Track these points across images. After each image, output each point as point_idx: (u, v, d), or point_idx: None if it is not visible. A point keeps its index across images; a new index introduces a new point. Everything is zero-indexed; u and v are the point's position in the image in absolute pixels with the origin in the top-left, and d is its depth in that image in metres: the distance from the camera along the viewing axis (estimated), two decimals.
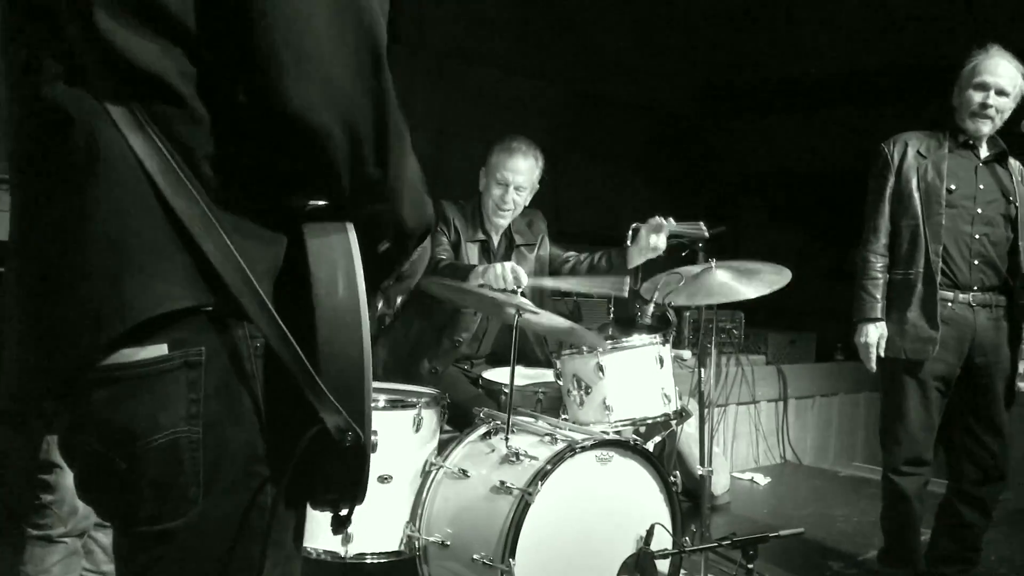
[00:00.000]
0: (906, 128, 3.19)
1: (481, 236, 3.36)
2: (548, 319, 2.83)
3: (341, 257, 1.03)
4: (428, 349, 3.33)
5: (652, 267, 3.44)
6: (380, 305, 1.31)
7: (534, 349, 3.48)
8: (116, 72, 0.96)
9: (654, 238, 3.16)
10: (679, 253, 3.48)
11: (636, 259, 3.25)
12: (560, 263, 3.50)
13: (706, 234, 3.14)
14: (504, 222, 3.36)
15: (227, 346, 1.02)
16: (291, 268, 1.04)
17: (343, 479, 1.07)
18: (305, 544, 2.60)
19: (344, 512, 1.12)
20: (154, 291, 0.97)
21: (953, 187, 3.02)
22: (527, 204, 3.40)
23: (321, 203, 1.06)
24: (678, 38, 6.87)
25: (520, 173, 3.27)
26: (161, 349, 0.99)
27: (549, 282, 3.35)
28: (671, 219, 3.19)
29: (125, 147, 0.96)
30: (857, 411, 5.94)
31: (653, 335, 2.98)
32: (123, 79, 0.96)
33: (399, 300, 1.32)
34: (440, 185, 4.78)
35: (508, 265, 3.01)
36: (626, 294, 3.23)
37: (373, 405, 2.66)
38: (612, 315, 3.76)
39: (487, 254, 3.35)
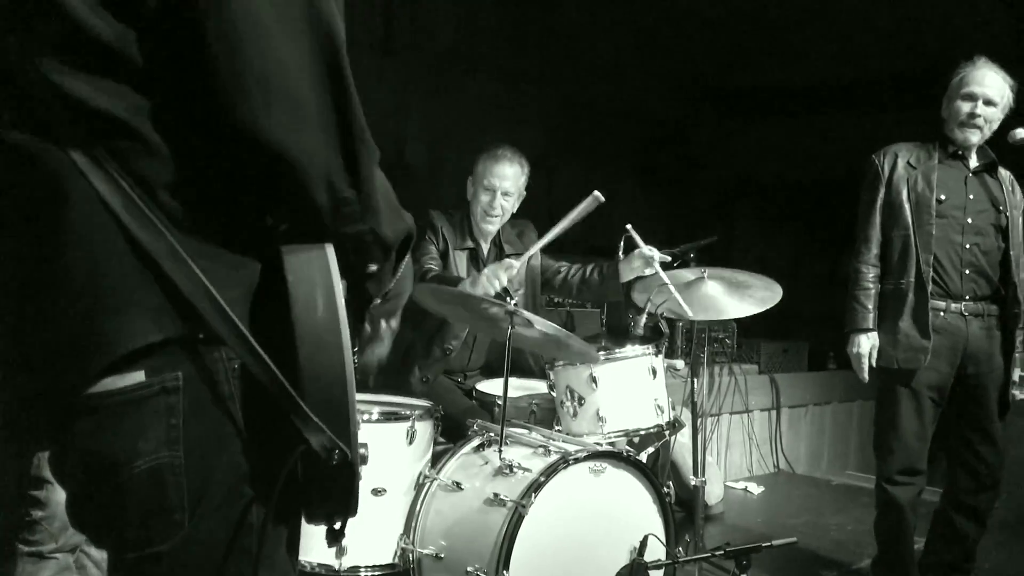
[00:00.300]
0: (901, 135, 3.21)
1: (470, 244, 3.38)
2: (543, 326, 2.82)
3: (319, 276, 1.03)
4: (419, 358, 3.34)
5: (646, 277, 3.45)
6: (367, 328, 1.31)
7: (527, 359, 3.49)
8: (71, 114, 0.97)
9: (643, 266, 3.22)
10: (672, 263, 3.49)
11: (626, 276, 3.29)
12: (552, 273, 3.51)
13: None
14: (493, 228, 3.39)
15: (204, 370, 1.02)
16: (270, 289, 1.04)
17: (334, 495, 1.08)
18: (301, 557, 2.60)
19: (338, 525, 1.13)
20: (128, 328, 0.98)
21: (943, 197, 3.04)
22: (515, 211, 3.43)
23: (299, 223, 1.06)
24: (671, 44, 6.89)
25: (507, 179, 3.31)
26: (138, 376, 1.00)
27: (539, 246, 3.24)
28: (660, 262, 3.20)
29: (88, 187, 0.97)
30: (850, 420, 5.95)
31: (646, 346, 2.98)
32: (78, 121, 0.97)
33: (393, 324, 1.31)
34: (435, 193, 4.79)
35: (488, 269, 3.02)
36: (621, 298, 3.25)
37: (366, 418, 2.67)
38: (604, 325, 3.76)
39: (476, 262, 3.37)
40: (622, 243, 3.43)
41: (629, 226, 3.19)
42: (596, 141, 7.12)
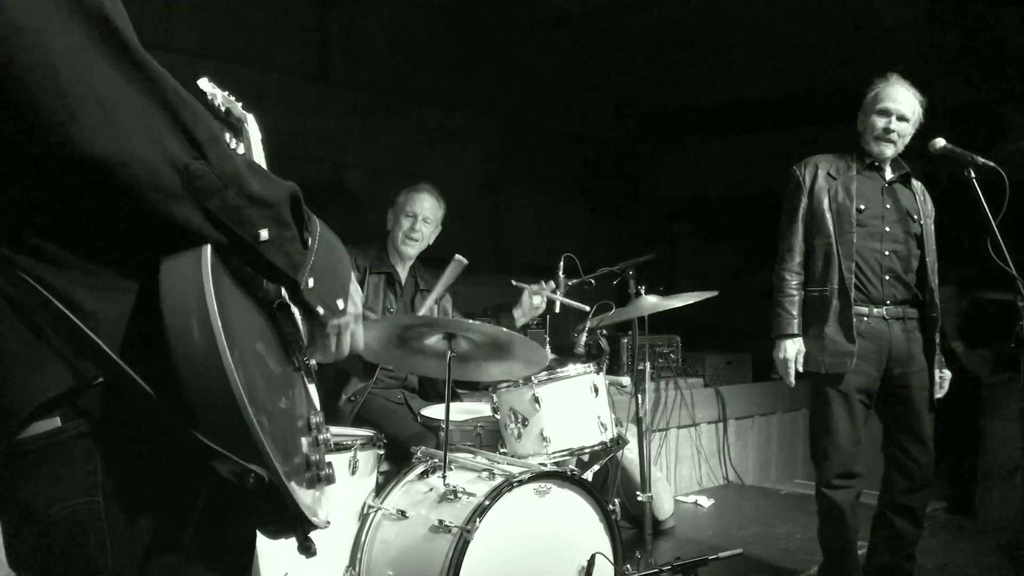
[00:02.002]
0: (836, 148, 3.30)
1: (386, 269, 3.57)
2: (489, 331, 2.82)
3: (193, 298, 0.98)
4: (344, 383, 3.33)
5: (583, 296, 3.49)
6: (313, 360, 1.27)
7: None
8: None
9: (536, 300, 3.52)
10: (611, 281, 3.54)
11: (520, 320, 3.56)
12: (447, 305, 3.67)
13: (588, 312, 3.34)
14: (413, 251, 3.59)
15: (118, 413, 1.01)
16: (153, 318, 1.00)
17: (269, 515, 1.07)
18: None
19: (304, 536, 1.13)
20: (33, 385, 0.98)
21: (863, 207, 3.14)
22: (431, 243, 3.66)
23: (168, 220, 1.00)
24: (609, 67, 7.00)
25: (427, 208, 3.60)
26: (54, 422, 0.99)
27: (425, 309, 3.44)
28: (553, 286, 3.51)
29: None
30: (796, 428, 6.04)
31: (587, 364, 3.00)
32: None
33: (344, 309, 1.22)
34: (375, 220, 4.78)
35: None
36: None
37: None
38: (548, 345, 3.78)
39: (392, 286, 3.56)
40: (561, 263, 3.47)
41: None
42: (539, 164, 7.19)
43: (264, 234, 1.04)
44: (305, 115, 5.73)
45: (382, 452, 2.84)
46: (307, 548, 1.16)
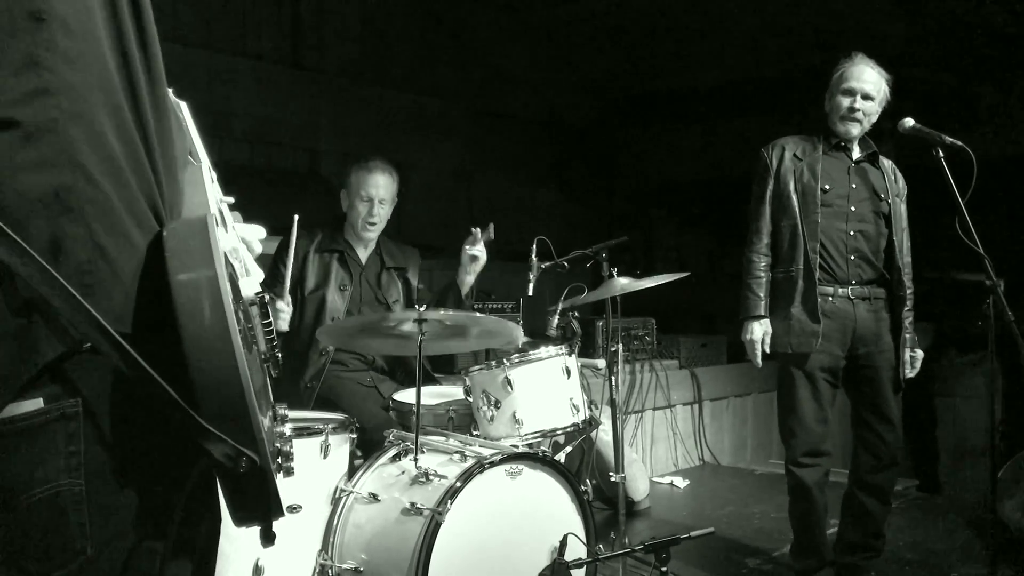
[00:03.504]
0: (809, 131, 3.31)
1: (338, 247, 3.48)
2: (456, 319, 2.82)
3: (204, 279, 0.99)
4: (302, 368, 3.31)
5: (557, 279, 3.49)
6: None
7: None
8: None
9: (469, 249, 3.41)
10: (585, 264, 3.54)
11: (465, 278, 3.45)
12: (418, 296, 3.60)
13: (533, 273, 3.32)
14: (372, 235, 3.51)
15: (106, 392, 1.00)
16: (157, 280, 1.00)
17: (250, 500, 1.07)
18: None
19: (270, 524, 1.12)
20: (16, 361, 0.96)
21: (827, 187, 3.16)
22: (389, 218, 3.55)
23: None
24: (583, 52, 6.99)
25: (381, 187, 3.45)
26: (37, 403, 0.98)
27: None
28: (489, 232, 3.44)
29: None
30: (771, 409, 6.07)
31: (559, 346, 3.00)
32: None
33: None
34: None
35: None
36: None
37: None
38: (522, 327, 3.78)
39: (345, 264, 3.47)
40: (534, 247, 3.46)
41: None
42: (513, 150, 7.18)
43: None
44: (278, 101, 5.69)
45: (354, 436, 2.82)
46: (269, 535, 1.15)
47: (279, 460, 1.19)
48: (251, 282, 1.27)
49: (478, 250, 3.39)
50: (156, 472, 1.04)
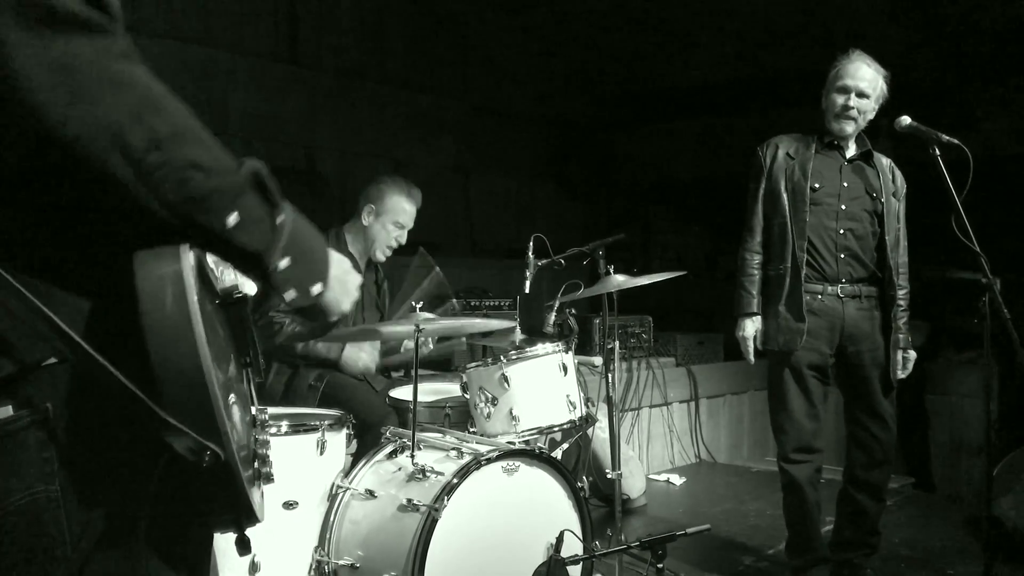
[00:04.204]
0: (809, 129, 3.31)
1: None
2: (454, 324, 2.84)
3: (168, 269, 0.98)
4: (304, 367, 3.31)
5: (554, 277, 3.49)
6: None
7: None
8: None
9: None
10: (581, 262, 3.54)
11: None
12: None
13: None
14: (383, 259, 3.52)
15: (76, 397, 1.00)
16: (123, 298, 0.99)
17: (218, 497, 1.07)
18: None
19: (239, 533, 1.13)
20: None
21: (817, 186, 3.16)
22: None
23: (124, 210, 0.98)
24: (580, 49, 6.98)
25: (413, 219, 3.50)
26: (6, 411, 0.97)
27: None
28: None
29: None
30: (767, 407, 6.06)
31: (555, 343, 3.01)
32: None
33: (339, 297, 1.21)
34: (346, 202, 4.75)
35: (364, 353, 3.21)
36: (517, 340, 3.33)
37: (275, 431, 2.62)
38: (519, 324, 3.78)
39: None
40: (531, 244, 3.46)
41: None
42: (510, 148, 7.18)
43: (232, 219, 1.01)
44: (275, 97, 5.68)
45: (350, 432, 2.83)
46: (244, 543, 1.15)
47: (255, 465, 1.18)
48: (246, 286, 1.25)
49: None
50: (123, 473, 1.04)
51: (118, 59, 0.94)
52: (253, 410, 1.28)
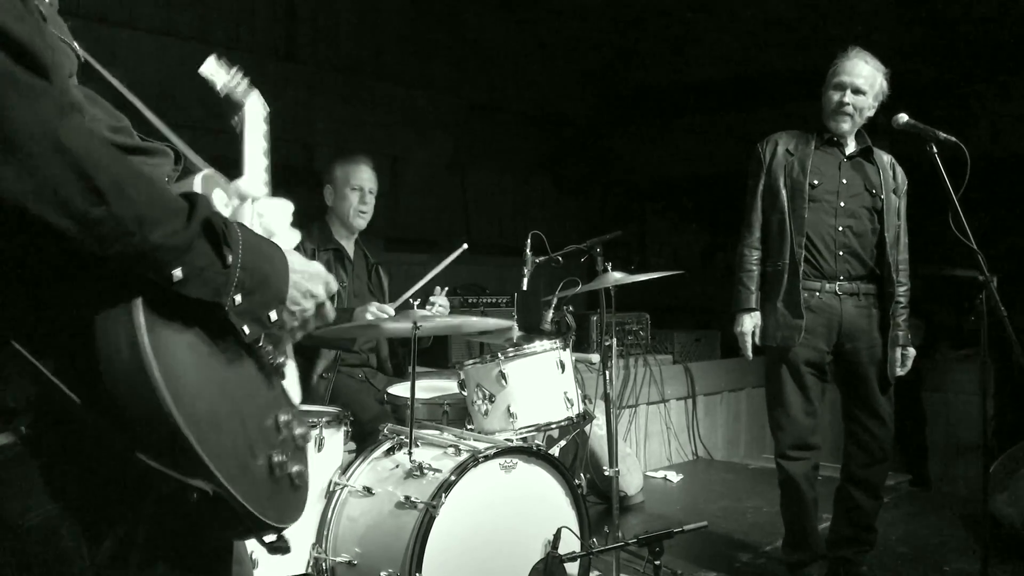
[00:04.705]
0: (805, 127, 3.31)
1: (333, 245, 3.52)
2: (448, 322, 2.84)
3: (123, 323, 0.99)
4: (314, 361, 3.30)
5: (551, 274, 3.49)
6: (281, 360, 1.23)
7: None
8: None
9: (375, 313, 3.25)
10: (579, 259, 3.54)
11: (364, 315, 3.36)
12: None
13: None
14: (363, 224, 3.55)
15: (61, 436, 1.02)
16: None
17: (224, 522, 1.07)
18: None
19: (260, 538, 1.14)
20: None
21: (816, 182, 3.16)
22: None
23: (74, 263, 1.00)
24: (577, 46, 6.97)
25: (369, 179, 3.54)
26: (7, 438, 1.00)
27: (414, 291, 3.41)
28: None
29: None
30: (764, 404, 6.05)
31: (553, 340, 3.01)
32: None
33: (291, 326, 1.21)
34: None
35: (374, 307, 3.17)
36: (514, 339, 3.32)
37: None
38: (516, 323, 3.79)
39: (341, 262, 3.51)
40: (528, 241, 3.46)
41: None
42: (506, 144, 7.16)
43: (177, 274, 1.02)
44: (272, 94, 5.62)
45: (348, 429, 2.83)
46: (277, 548, 1.16)
47: (276, 470, 1.17)
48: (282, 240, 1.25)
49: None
50: (114, 509, 1.06)
51: (55, 116, 0.94)
52: (287, 411, 1.25)
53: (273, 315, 1.16)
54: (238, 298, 1.09)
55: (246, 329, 1.12)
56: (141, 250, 0.99)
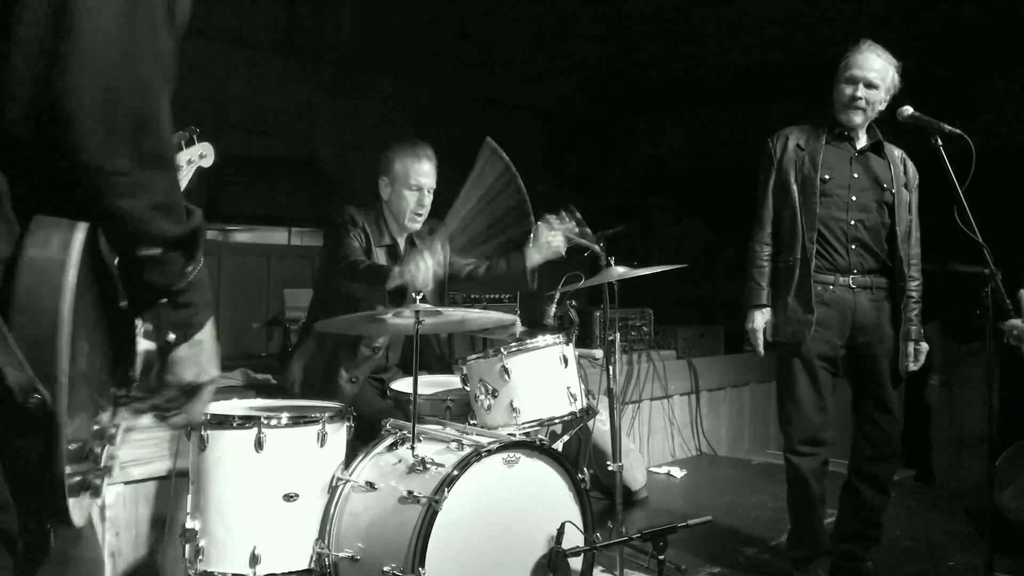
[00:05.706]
0: (811, 121, 3.29)
1: (388, 241, 3.33)
2: (451, 314, 2.82)
3: (63, 225, 1.01)
4: (346, 360, 3.25)
5: (554, 268, 3.48)
6: (161, 335, 1.19)
7: (434, 350, 3.48)
8: None
9: (549, 236, 3.23)
10: (581, 253, 3.53)
11: (535, 258, 3.28)
12: (459, 268, 3.49)
13: (597, 248, 3.22)
14: (418, 226, 3.34)
15: None
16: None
17: (28, 448, 1.02)
18: (214, 568, 2.55)
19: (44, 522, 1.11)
20: None
21: (827, 177, 3.14)
22: None
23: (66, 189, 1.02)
24: (579, 40, 6.95)
25: (430, 177, 3.28)
26: None
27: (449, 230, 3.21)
28: (573, 223, 3.23)
29: None
30: (768, 400, 6.08)
31: (556, 335, 2.99)
32: None
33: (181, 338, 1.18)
34: (345, 193, 4.73)
35: (425, 261, 2.95)
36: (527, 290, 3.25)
37: (275, 423, 2.61)
38: (520, 317, 3.78)
39: (394, 259, 3.31)
40: (531, 236, 3.45)
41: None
42: (508, 138, 7.11)
43: (150, 251, 1.07)
44: (273, 89, 5.66)
45: (351, 424, 2.81)
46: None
47: (85, 472, 1.13)
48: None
49: (557, 240, 3.21)
50: None
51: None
52: (104, 417, 1.21)
53: (172, 339, 1.17)
54: (167, 301, 1.13)
55: (170, 337, 1.16)
56: (136, 215, 1.03)
